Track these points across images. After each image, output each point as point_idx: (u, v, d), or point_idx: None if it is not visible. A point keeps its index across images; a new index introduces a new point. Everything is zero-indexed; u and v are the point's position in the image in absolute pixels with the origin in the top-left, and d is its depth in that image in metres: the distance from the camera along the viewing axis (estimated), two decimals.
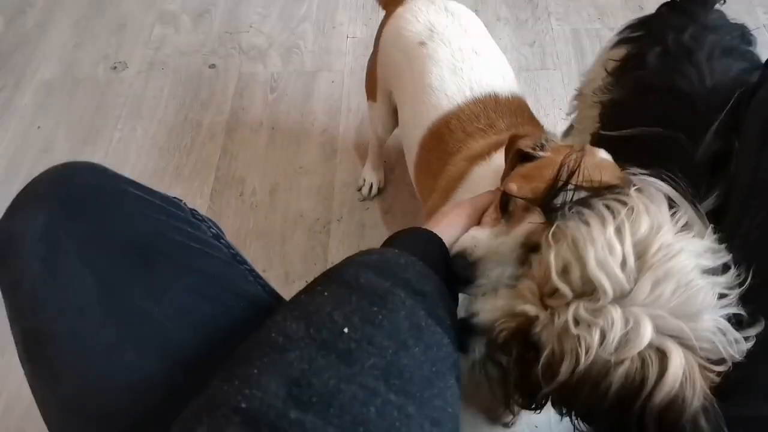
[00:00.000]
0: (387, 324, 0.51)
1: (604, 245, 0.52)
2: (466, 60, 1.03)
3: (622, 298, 0.51)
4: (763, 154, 0.70)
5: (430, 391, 0.50)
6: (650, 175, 0.62)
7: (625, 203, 0.55)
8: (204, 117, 1.64)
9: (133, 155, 1.57)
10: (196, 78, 1.72)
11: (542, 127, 1.05)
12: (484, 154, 0.94)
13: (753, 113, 0.75)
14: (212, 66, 1.75)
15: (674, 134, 0.80)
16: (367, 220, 1.43)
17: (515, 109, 1.03)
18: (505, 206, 0.71)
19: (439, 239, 0.68)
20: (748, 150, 0.73)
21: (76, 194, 0.62)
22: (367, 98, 1.30)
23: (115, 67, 1.76)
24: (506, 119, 1.00)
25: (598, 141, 0.97)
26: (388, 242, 0.67)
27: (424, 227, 0.72)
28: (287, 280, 1.34)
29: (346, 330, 0.49)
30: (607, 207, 0.55)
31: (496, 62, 1.07)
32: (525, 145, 0.78)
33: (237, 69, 1.74)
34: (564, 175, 0.62)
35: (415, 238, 0.69)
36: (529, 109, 1.06)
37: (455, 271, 0.69)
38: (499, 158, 0.90)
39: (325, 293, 0.54)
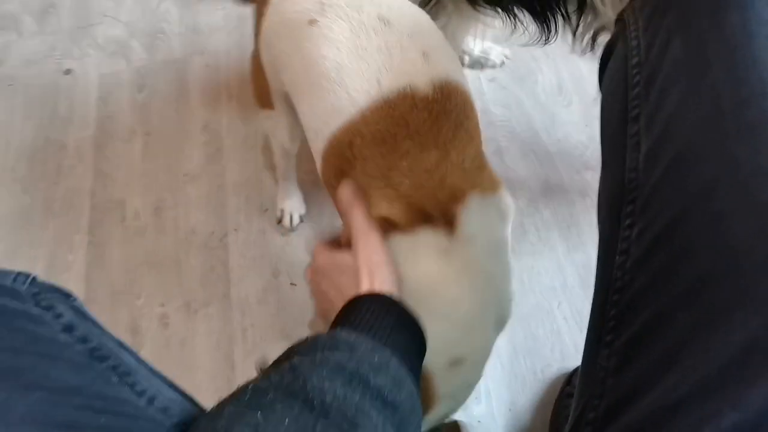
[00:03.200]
0: None
1: None
2: (374, 35, 0.71)
3: None
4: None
5: None
6: None
7: None
8: (67, 135, 1.42)
9: None
10: (52, 89, 1.49)
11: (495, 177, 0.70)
12: (406, 225, 0.64)
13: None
14: (68, 71, 1.51)
15: None
16: (267, 226, 1.26)
17: (455, 119, 0.67)
18: None
19: (403, 311, 0.59)
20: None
21: None
22: (262, 108, 1.02)
23: None
24: (440, 143, 0.65)
25: None
26: (346, 310, 0.57)
27: (384, 292, 0.60)
28: (189, 310, 1.18)
29: None
30: None
31: (422, 31, 0.75)
32: None
33: (96, 70, 1.51)
34: None
35: (382, 314, 0.57)
36: (472, 115, 0.72)
37: None
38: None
39: (286, 419, 0.43)
